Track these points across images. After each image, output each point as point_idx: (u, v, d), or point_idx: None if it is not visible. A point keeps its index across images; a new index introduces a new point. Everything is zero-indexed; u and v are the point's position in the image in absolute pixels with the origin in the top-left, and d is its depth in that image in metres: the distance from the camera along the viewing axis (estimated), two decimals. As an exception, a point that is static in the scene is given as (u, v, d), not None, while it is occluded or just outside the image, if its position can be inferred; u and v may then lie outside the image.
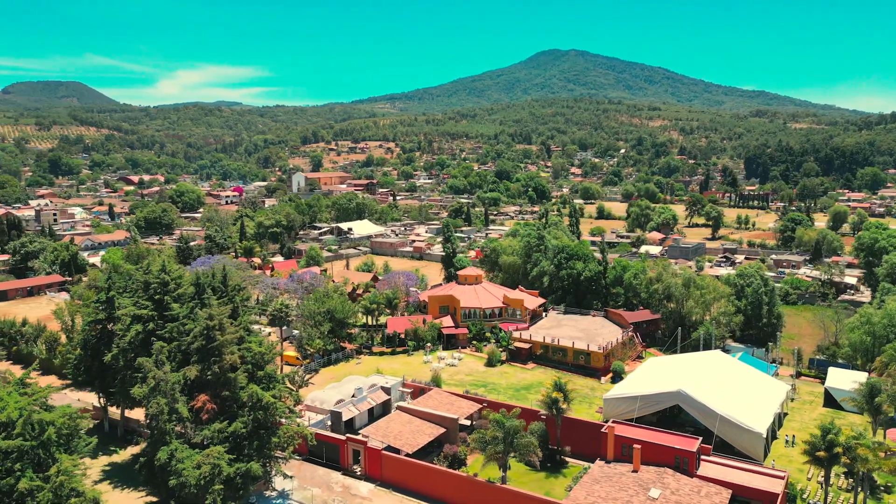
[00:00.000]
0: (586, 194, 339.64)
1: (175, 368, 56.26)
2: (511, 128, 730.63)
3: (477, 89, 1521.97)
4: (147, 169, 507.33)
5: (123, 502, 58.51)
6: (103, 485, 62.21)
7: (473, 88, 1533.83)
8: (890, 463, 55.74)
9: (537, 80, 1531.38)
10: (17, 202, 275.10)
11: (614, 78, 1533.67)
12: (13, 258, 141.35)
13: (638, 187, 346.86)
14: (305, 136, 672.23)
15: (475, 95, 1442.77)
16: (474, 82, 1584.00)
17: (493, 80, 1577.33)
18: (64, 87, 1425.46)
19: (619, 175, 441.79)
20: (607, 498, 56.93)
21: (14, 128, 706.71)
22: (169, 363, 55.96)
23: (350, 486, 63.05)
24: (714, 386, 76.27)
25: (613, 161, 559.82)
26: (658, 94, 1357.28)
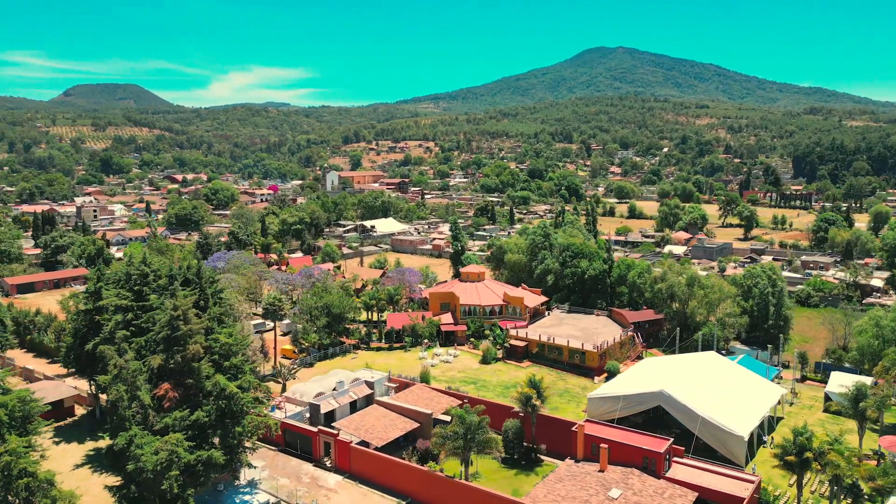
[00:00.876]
0: (620, 193, 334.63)
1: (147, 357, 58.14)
2: (553, 126, 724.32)
3: (521, 88, 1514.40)
4: (193, 168, 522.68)
5: (95, 484, 60.83)
6: (83, 469, 64.83)
7: (518, 87, 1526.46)
8: (862, 470, 53.50)
9: (583, 78, 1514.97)
10: (63, 199, 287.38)
11: (662, 75, 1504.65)
12: (44, 251, 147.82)
13: (675, 186, 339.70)
14: (347, 136, 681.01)
15: (519, 94, 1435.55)
16: (518, 81, 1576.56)
17: (537, 79, 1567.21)
18: (122, 89, 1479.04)
19: (658, 174, 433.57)
20: (566, 497, 56.34)
21: (72, 128, 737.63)
22: (132, 351, 57.89)
23: (318, 478, 63.99)
24: (701, 387, 74.53)
25: (655, 160, 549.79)
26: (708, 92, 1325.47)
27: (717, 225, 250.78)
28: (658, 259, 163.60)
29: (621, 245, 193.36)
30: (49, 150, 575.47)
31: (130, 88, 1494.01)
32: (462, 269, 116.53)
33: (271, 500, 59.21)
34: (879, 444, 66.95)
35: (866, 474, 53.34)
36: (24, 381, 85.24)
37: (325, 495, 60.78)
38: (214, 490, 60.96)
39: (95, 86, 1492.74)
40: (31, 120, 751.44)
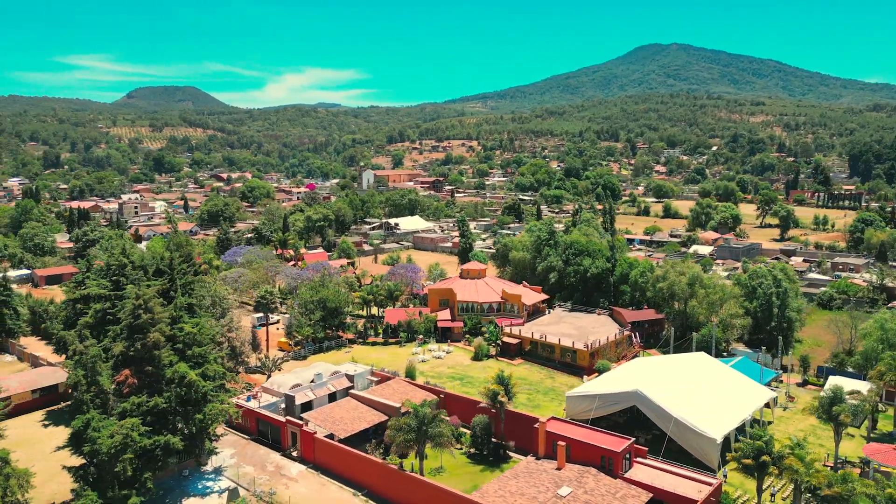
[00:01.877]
0: (659, 192, 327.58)
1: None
2: (600, 125, 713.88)
3: (571, 86, 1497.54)
4: (241, 167, 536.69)
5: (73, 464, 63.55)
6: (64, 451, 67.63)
7: (567, 85, 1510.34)
8: (821, 476, 51.33)
9: (635, 75, 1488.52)
10: (111, 196, 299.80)
11: (718, 72, 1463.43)
12: (76, 245, 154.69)
13: (716, 185, 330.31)
14: (392, 136, 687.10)
15: (569, 92, 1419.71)
16: (568, 79, 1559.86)
17: (588, 77, 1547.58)
18: (181, 91, 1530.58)
19: (703, 173, 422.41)
20: (516, 493, 55.93)
21: (131, 129, 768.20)
22: (108, 338, 60.34)
23: (283, 467, 65.23)
24: (681, 388, 72.72)
25: (703, 159, 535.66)
26: (767, 89, 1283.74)
27: (755, 225, 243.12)
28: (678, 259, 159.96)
29: (646, 244, 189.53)
30: (108, 150, 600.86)
31: (189, 90, 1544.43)
32: (463, 266, 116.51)
33: (232, 486, 60.64)
34: (864, 451, 63.93)
35: (825, 481, 51.15)
36: (30, 367, 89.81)
37: (285, 484, 61.93)
38: (180, 475, 62.87)
39: (156, 88, 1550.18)
40: (93, 121, 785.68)
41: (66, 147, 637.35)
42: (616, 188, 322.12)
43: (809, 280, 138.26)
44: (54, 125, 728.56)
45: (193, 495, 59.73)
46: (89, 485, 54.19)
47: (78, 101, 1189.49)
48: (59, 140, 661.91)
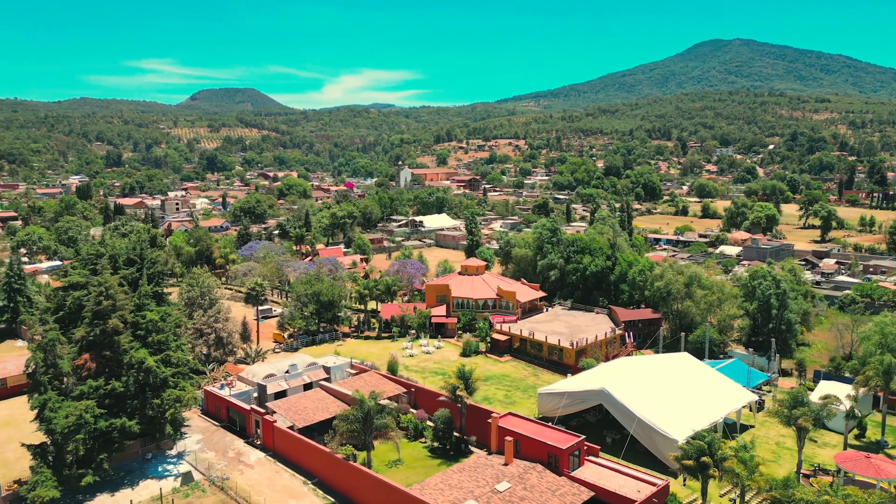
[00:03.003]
0: (702, 192, 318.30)
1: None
2: (652, 123, 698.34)
3: (627, 84, 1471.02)
4: (290, 166, 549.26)
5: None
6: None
7: (623, 83, 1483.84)
8: (761, 481, 49.28)
9: (694, 72, 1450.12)
10: (159, 193, 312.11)
11: (784, 68, 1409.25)
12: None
13: (765, 185, 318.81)
14: (439, 135, 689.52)
15: (624, 91, 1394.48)
16: (624, 77, 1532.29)
17: (644, 75, 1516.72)
18: (241, 93, 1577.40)
19: (753, 172, 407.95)
20: (455, 487, 55.72)
21: (190, 130, 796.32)
22: (84, 327, 63.12)
23: (243, 454, 66.83)
24: (653, 388, 71.00)
25: (757, 157, 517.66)
26: (835, 85, 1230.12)
27: (798, 226, 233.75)
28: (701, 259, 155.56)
29: (673, 244, 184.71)
30: (167, 150, 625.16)
31: (248, 92, 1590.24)
32: (463, 262, 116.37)
33: (190, 470, 62.53)
34: (835, 459, 60.94)
35: (765, 485, 49.10)
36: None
37: (241, 470, 63.45)
38: (143, 458, 65.20)
39: (218, 90, 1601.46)
40: (155, 122, 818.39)
41: (129, 147, 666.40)
42: (657, 187, 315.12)
43: (836, 283, 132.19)
44: (119, 126, 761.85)
45: (151, 477, 61.83)
46: (47, 463, 56.87)
47: (144, 104, 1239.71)
48: (122, 140, 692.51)
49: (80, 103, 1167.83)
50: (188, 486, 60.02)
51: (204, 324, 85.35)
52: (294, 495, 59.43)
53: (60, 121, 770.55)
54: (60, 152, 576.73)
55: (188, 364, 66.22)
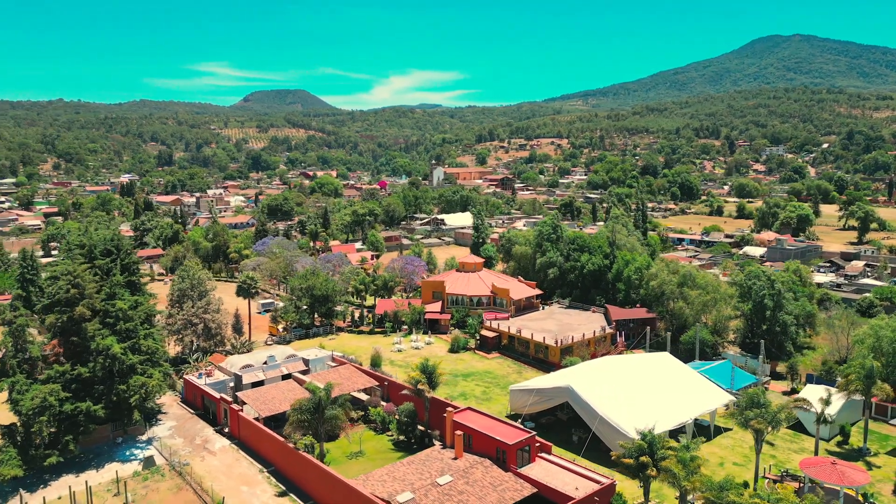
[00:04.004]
0: (742, 192, 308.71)
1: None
2: (702, 121, 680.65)
3: (679, 82, 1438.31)
4: (333, 166, 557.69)
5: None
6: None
7: (675, 81, 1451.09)
8: (696, 481, 47.74)
9: (750, 69, 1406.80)
10: (199, 191, 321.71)
11: (846, 64, 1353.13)
12: (135, 233, 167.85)
13: (810, 185, 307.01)
14: (481, 135, 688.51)
15: (676, 88, 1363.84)
16: (676, 75, 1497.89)
17: (697, 72, 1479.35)
18: (292, 94, 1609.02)
19: (802, 172, 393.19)
20: (398, 479, 55.80)
21: (240, 130, 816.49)
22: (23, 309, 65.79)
23: (209, 441, 68.47)
24: (622, 387, 69.63)
25: (809, 157, 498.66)
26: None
27: (837, 227, 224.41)
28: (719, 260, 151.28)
29: (696, 245, 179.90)
30: (215, 150, 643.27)
31: (299, 93, 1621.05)
32: (461, 259, 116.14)
33: (153, 455, 64.42)
34: (800, 465, 58.47)
35: (701, 486, 47.55)
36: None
37: (202, 457, 65.04)
38: (113, 442, 67.49)
39: (269, 91, 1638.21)
40: (206, 123, 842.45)
41: (181, 147, 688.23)
42: (694, 187, 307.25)
43: (859, 286, 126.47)
44: (173, 126, 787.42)
45: (117, 461, 63.98)
46: (14, 443, 59.53)
47: (199, 105, 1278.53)
48: (175, 140, 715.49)
49: (139, 105, 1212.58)
50: (149, 471, 61.85)
51: (193, 314, 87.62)
52: (247, 482, 60.58)
53: (118, 122, 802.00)
54: (116, 152, 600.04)
55: (157, 352, 68.11)
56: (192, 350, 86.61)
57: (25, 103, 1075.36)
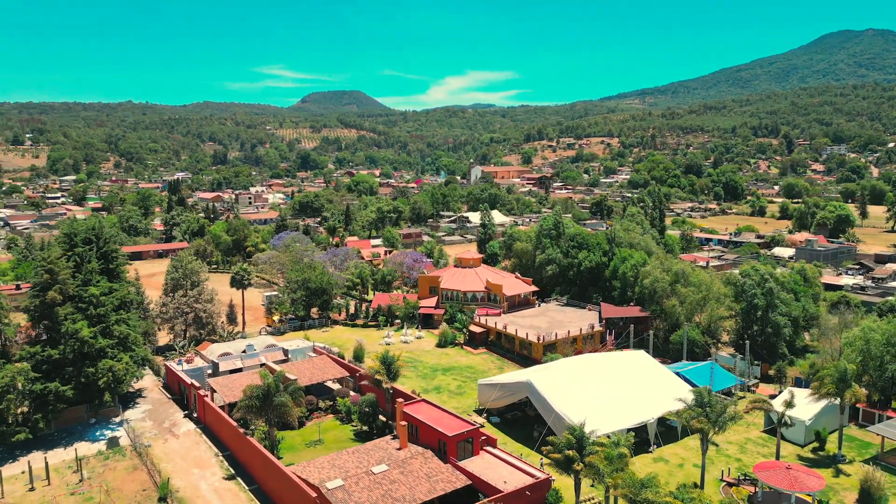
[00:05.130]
0: (791, 192, 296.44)
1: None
2: (762, 120, 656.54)
3: (742, 79, 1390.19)
4: (380, 165, 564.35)
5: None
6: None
7: (738, 79, 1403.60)
8: (618, 478, 46.32)
9: (819, 65, 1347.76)
10: (242, 188, 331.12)
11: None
12: (165, 227, 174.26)
13: (865, 186, 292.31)
14: (530, 134, 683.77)
15: (738, 86, 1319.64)
16: (739, 72, 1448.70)
17: (762, 69, 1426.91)
18: (348, 95, 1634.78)
19: (861, 172, 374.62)
20: (336, 467, 56.13)
21: (294, 130, 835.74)
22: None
23: (177, 425, 70.50)
24: (587, 384, 68.30)
25: (873, 157, 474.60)
26: None
27: (887, 229, 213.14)
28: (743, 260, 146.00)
29: (723, 245, 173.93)
30: (269, 150, 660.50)
31: (354, 94, 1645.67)
32: (459, 255, 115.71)
33: (120, 436, 66.84)
34: (754, 469, 55.96)
35: (623, 483, 46.11)
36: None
37: (166, 440, 67.06)
38: (88, 423, 70.34)
39: (326, 93, 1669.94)
40: (262, 124, 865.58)
41: (237, 147, 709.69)
42: (738, 186, 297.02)
43: (885, 288, 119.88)
44: (231, 127, 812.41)
45: (86, 440, 66.64)
46: (-14, 420, 62.79)
47: (259, 106, 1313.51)
48: (231, 140, 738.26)
49: (202, 107, 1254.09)
50: (112, 451, 64.22)
51: (184, 303, 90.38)
52: (199, 465, 62.15)
53: (180, 122, 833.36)
54: (174, 151, 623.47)
55: (129, 338, 70.53)
56: (185, 338, 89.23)
57: (96, 105, 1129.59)
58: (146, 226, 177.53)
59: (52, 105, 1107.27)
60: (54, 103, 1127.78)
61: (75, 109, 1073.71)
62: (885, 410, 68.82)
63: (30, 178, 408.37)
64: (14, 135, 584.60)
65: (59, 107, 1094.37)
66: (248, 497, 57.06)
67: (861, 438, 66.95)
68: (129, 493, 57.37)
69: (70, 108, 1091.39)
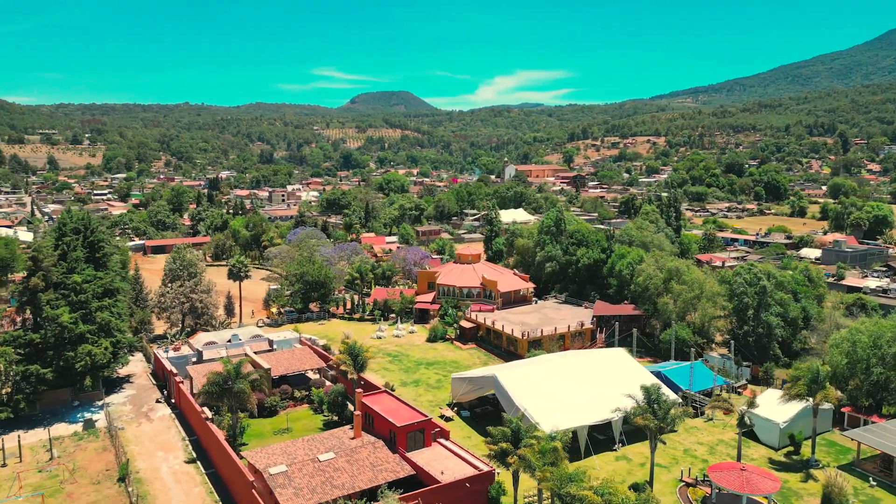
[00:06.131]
0: (837, 192, 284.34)
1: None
2: (819, 118, 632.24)
3: (802, 77, 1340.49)
4: (420, 164, 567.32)
5: None
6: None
7: (797, 76, 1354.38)
8: (546, 471, 45.51)
9: (885, 62, 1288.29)
10: (280, 186, 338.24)
11: None
12: (192, 222, 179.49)
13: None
14: (574, 133, 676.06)
15: (798, 83, 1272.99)
16: (799, 69, 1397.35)
17: (824, 66, 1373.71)
18: (396, 96, 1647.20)
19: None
20: (287, 454, 56.68)
21: (340, 130, 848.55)
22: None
23: (154, 410, 72.56)
24: (556, 381, 67.41)
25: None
26: None
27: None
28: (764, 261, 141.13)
29: (749, 245, 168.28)
30: (314, 149, 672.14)
31: (403, 95, 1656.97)
32: (458, 250, 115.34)
33: (97, 419, 69.27)
34: (708, 471, 54.10)
35: (550, 475, 45.28)
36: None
37: (140, 423, 69.14)
38: (71, 405, 73.11)
39: (375, 93, 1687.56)
40: (310, 124, 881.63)
41: (284, 146, 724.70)
42: (781, 186, 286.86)
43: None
44: (279, 127, 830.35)
45: (66, 421, 69.29)
46: (-29, 399, 66.05)
47: (309, 107, 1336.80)
48: (279, 140, 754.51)
49: (254, 108, 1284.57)
50: (87, 432, 66.63)
51: (181, 294, 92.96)
52: (165, 448, 63.86)
53: (231, 123, 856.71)
54: (223, 151, 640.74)
55: (110, 324, 72.91)
56: (182, 327, 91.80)
57: (155, 106, 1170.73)
58: (174, 221, 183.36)
59: (114, 106, 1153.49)
60: (115, 104, 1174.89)
61: (135, 110, 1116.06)
62: (871, 416, 65.57)
63: (83, 176, 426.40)
64: (73, 134, 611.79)
65: (120, 108, 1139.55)
66: (203, 480, 58.34)
67: (842, 444, 63.94)
68: (92, 472, 59.43)
69: (130, 109, 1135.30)
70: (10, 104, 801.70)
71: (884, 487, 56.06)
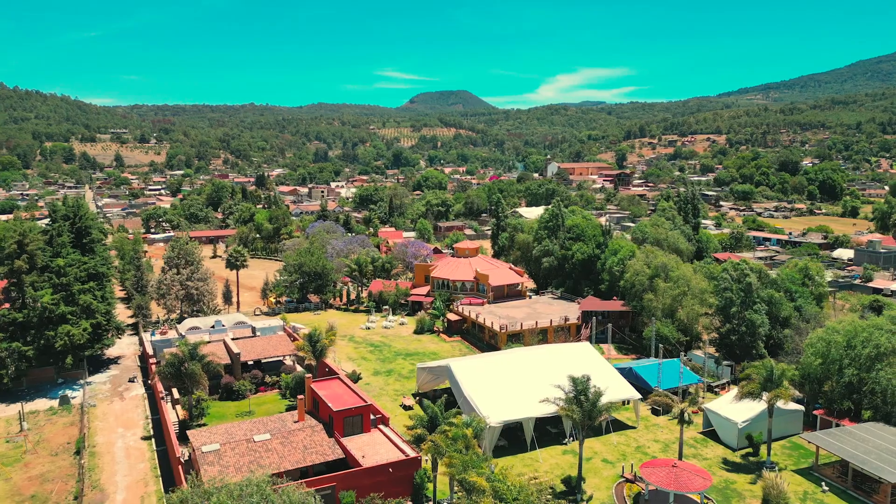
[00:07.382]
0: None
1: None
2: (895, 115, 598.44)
3: (882, 72, 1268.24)
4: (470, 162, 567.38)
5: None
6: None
7: (877, 71, 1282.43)
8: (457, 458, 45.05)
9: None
10: (324, 183, 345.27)
11: None
12: (223, 216, 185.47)
13: None
14: (631, 131, 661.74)
15: (878, 79, 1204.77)
16: (880, 64, 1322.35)
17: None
18: (454, 95, 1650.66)
19: None
20: (227, 433, 57.83)
21: (395, 130, 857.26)
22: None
23: (130, 389, 75.41)
24: (512, 374, 66.46)
25: None
26: None
27: None
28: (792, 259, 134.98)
29: (782, 245, 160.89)
30: (367, 148, 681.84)
31: (461, 94, 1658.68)
32: (457, 244, 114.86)
33: (73, 396, 72.66)
34: (640, 468, 52.28)
35: (455, 462, 44.86)
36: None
37: (112, 401, 72.16)
38: (55, 382, 76.93)
39: (433, 93, 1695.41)
40: (366, 123, 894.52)
41: (339, 145, 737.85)
42: (836, 186, 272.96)
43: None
44: (336, 127, 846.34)
45: (46, 397, 72.97)
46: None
47: (367, 107, 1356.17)
48: (335, 139, 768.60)
49: (316, 108, 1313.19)
50: (61, 408, 70.03)
51: (177, 281, 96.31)
52: (126, 425, 66.44)
53: (291, 123, 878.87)
54: (280, 149, 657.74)
55: (91, 306, 76.23)
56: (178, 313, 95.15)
57: (222, 107, 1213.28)
58: (206, 214, 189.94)
59: (184, 107, 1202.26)
60: (186, 105, 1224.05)
61: (203, 111, 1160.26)
62: (842, 419, 61.88)
63: (145, 173, 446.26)
64: (142, 133, 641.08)
65: (190, 108, 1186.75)
66: (152, 456, 60.45)
67: (808, 448, 60.55)
68: (54, 444, 62.44)
69: (199, 109, 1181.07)
70: (87, 105, 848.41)
71: (836, 493, 52.90)
